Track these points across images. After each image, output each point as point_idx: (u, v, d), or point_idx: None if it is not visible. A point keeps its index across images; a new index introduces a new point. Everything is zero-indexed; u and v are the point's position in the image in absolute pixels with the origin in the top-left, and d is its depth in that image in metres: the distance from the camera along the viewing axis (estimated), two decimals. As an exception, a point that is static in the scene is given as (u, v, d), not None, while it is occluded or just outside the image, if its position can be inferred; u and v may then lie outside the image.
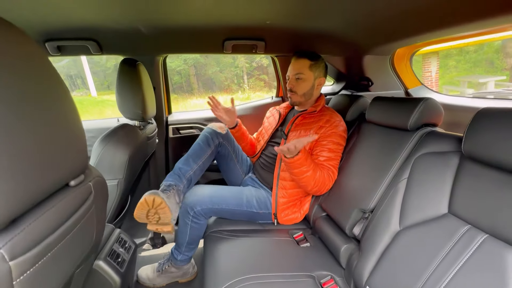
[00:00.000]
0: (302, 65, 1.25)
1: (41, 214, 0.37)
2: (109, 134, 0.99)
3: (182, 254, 1.23)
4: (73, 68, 12.30)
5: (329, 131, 1.18)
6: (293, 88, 1.27)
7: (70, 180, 0.46)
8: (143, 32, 1.19)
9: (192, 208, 1.13)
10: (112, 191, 0.99)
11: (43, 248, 0.35)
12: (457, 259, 0.66)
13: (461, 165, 0.76)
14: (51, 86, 0.41)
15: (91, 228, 0.52)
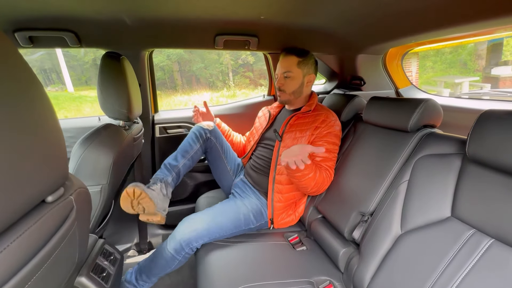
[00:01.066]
0: (290, 63, 1.21)
1: (11, 241, 0.30)
2: (91, 135, 0.90)
3: (149, 283, 1.10)
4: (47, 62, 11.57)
5: (325, 131, 1.15)
6: (282, 86, 1.24)
7: (47, 196, 0.38)
8: (128, 24, 1.10)
9: (188, 245, 1.03)
10: (94, 197, 0.90)
11: (19, 281, 0.28)
12: (464, 264, 0.64)
13: (463, 167, 0.75)
14: (23, 86, 0.34)
15: (73, 247, 0.44)
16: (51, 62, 11.38)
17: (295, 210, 1.26)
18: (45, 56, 11.28)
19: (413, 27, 1.08)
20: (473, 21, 0.94)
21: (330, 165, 1.13)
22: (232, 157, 1.40)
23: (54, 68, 11.53)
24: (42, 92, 0.37)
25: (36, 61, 10.99)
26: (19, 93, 0.32)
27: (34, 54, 10.31)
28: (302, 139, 1.17)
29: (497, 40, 6.89)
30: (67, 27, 1.07)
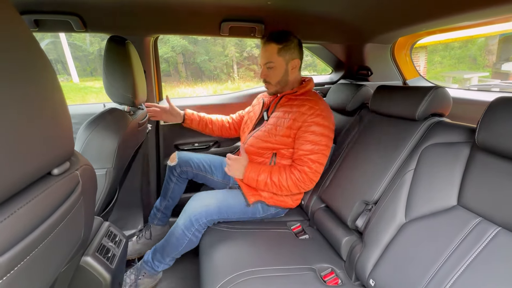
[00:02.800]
0: (270, 52, 1.13)
1: (17, 208, 0.30)
2: (96, 119, 0.90)
3: (164, 264, 1.14)
4: (53, 52, 11.60)
5: (310, 120, 1.09)
6: (266, 78, 1.18)
7: (53, 168, 0.39)
8: (133, 8, 1.09)
9: (198, 220, 1.04)
10: (100, 181, 0.90)
11: (20, 251, 0.29)
12: (469, 252, 0.64)
13: (472, 156, 0.73)
14: (31, 59, 0.34)
15: (79, 222, 0.45)
16: (56, 53, 11.40)
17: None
18: (50, 47, 11.30)
19: (425, 12, 1.04)
20: (485, 7, 0.91)
21: (315, 158, 1.08)
22: (214, 165, 1.37)
23: (60, 59, 11.55)
24: (49, 68, 0.37)
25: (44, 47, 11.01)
26: (28, 65, 0.32)
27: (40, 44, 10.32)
28: (284, 122, 1.14)
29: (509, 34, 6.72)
30: (72, 10, 1.07)
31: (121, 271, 0.88)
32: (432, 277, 0.67)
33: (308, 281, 0.87)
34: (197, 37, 12.79)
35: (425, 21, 1.10)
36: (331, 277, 0.92)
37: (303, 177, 1.08)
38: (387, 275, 0.78)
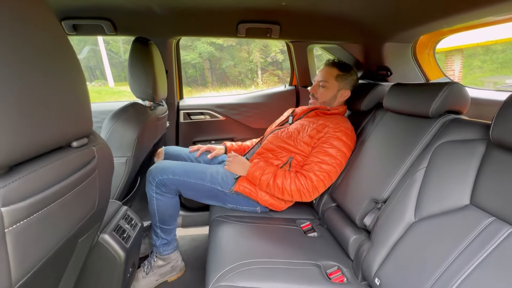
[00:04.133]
0: (329, 74, 1.25)
1: (40, 167, 0.36)
2: (120, 111, 0.99)
3: (160, 238, 1.20)
4: (93, 59, 12.63)
5: (333, 133, 1.12)
6: (315, 94, 1.28)
7: (73, 141, 0.45)
8: (157, 12, 1.18)
9: (154, 178, 1.12)
10: (120, 168, 0.99)
11: (39, 201, 0.34)
12: (479, 252, 0.60)
13: (487, 153, 0.70)
14: (61, 49, 0.41)
15: (93, 193, 0.51)
16: (96, 60, 12.38)
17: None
18: (91, 54, 12.30)
19: (446, 7, 1.00)
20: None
21: (325, 168, 1.08)
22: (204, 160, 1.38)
23: (98, 66, 12.53)
24: (75, 58, 0.44)
25: (84, 59, 12.08)
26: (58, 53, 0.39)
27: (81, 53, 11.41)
28: (308, 128, 1.19)
29: (561, 34, 6.08)
30: (105, 16, 1.19)
31: (135, 253, 0.94)
32: (438, 277, 0.65)
33: (312, 276, 0.87)
34: (223, 44, 13.20)
35: (446, 17, 1.06)
36: (337, 275, 0.91)
37: (308, 184, 1.08)
38: (393, 274, 0.75)
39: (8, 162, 0.31)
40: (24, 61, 0.33)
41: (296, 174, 1.11)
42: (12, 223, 0.31)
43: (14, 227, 0.31)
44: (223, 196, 1.18)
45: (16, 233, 0.31)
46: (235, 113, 1.66)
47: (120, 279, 0.84)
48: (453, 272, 0.62)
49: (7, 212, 0.30)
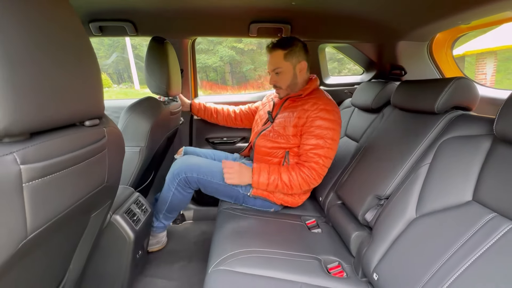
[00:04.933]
0: (277, 59, 1.18)
1: (55, 137, 0.42)
2: (135, 104, 1.07)
3: (159, 221, 1.26)
4: (121, 63, 13.39)
5: (314, 115, 1.10)
6: (277, 83, 1.22)
7: (86, 120, 0.51)
8: (174, 14, 1.26)
9: (179, 174, 1.15)
10: (134, 157, 1.06)
11: (52, 164, 0.40)
12: (477, 247, 0.59)
13: (492, 149, 0.68)
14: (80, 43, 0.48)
15: (102, 169, 0.57)
16: (124, 64, 13.10)
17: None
18: (119, 59, 13.06)
19: (459, 2, 0.96)
20: None
21: (322, 153, 1.08)
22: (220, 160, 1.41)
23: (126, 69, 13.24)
24: (92, 50, 0.51)
25: (112, 63, 12.86)
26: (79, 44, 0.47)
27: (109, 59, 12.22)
28: (290, 121, 1.17)
29: None
30: (127, 18, 1.29)
31: (144, 235, 1.01)
32: (435, 271, 0.64)
33: (311, 268, 0.88)
34: (244, 48, 13.43)
35: (460, 12, 1.02)
36: (337, 270, 0.91)
37: (312, 173, 1.09)
38: (391, 270, 0.75)
39: (28, 129, 0.38)
40: (47, 50, 0.39)
41: (298, 166, 1.12)
42: (28, 180, 0.36)
43: (30, 183, 0.37)
44: (242, 197, 1.22)
45: (32, 188, 0.37)
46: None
47: (129, 258, 0.90)
48: (450, 267, 0.61)
49: (25, 169, 0.36)
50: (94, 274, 0.89)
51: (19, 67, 0.34)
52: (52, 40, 0.40)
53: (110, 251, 0.89)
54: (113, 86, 11.54)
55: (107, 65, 12.17)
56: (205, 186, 1.19)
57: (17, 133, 0.36)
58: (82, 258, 0.75)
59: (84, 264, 0.77)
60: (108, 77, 12.16)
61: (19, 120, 0.35)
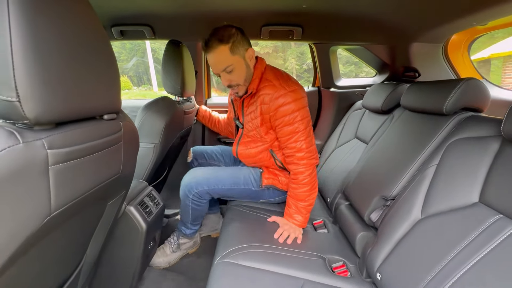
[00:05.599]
0: (223, 57, 1.01)
1: (77, 128, 0.47)
2: (151, 103, 1.14)
3: (189, 229, 1.30)
4: (141, 66, 13.93)
5: (273, 106, 1.03)
6: (232, 82, 1.07)
7: (104, 114, 0.56)
8: (189, 18, 1.32)
9: (190, 191, 1.16)
10: (148, 153, 1.13)
11: (74, 151, 0.45)
12: (481, 248, 0.59)
13: (501, 150, 0.67)
14: (101, 47, 0.54)
15: (117, 159, 0.62)
16: (144, 67, 13.61)
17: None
18: (139, 62, 13.58)
19: (473, 2, 0.95)
20: None
21: (301, 137, 1.04)
22: (225, 154, 1.46)
23: (145, 72, 13.73)
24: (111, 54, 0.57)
25: (133, 66, 13.42)
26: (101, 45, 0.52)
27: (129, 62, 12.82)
28: (256, 119, 1.13)
29: None
30: (146, 22, 1.37)
31: (155, 227, 1.06)
32: (437, 272, 0.63)
33: (315, 266, 0.89)
34: (259, 51, 13.55)
35: (474, 13, 1.01)
36: (341, 269, 0.92)
37: (306, 163, 1.07)
38: (394, 270, 0.75)
39: (55, 119, 0.43)
40: (73, 51, 0.44)
41: (295, 171, 1.10)
42: (54, 163, 0.42)
43: (55, 166, 0.42)
44: (256, 193, 1.24)
45: (56, 171, 0.42)
46: (258, 112, 1.74)
47: (141, 247, 0.96)
48: (453, 267, 0.61)
49: (51, 154, 0.41)
50: (109, 261, 0.95)
51: (49, 65, 0.40)
52: (78, 42, 0.45)
53: (124, 240, 0.95)
54: (133, 88, 12.01)
55: (127, 69, 12.74)
56: (218, 194, 1.21)
57: (45, 122, 0.41)
58: (98, 244, 0.81)
59: (99, 250, 0.83)
60: (128, 79, 12.70)
61: (48, 111, 0.41)
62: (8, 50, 0.35)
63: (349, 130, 1.52)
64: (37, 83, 0.38)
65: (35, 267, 0.52)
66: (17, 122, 0.40)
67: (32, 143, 0.38)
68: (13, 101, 0.37)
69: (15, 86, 0.36)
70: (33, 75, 0.38)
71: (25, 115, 0.38)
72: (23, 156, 0.37)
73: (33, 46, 0.37)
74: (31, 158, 0.38)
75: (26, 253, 0.45)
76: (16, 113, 0.38)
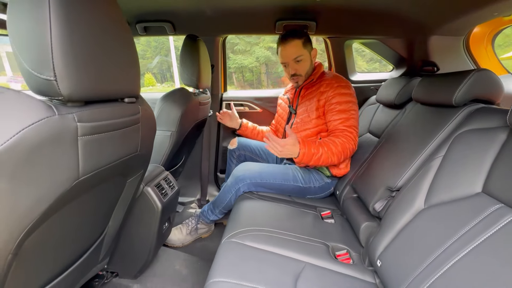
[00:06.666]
0: (296, 48, 1.25)
1: (102, 107, 0.55)
2: (169, 94, 1.22)
3: (215, 215, 1.38)
4: (164, 63, 14.46)
5: (332, 93, 1.20)
6: (297, 71, 1.29)
7: (125, 97, 0.64)
8: (207, 13, 1.39)
9: (242, 180, 1.25)
10: (165, 140, 1.21)
11: (98, 126, 0.53)
12: (478, 235, 0.59)
13: (508, 141, 0.66)
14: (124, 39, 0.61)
15: (135, 139, 0.69)
16: (167, 65, 14.11)
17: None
18: (163, 60, 14.11)
19: None
20: None
21: (349, 124, 1.16)
22: (268, 153, 1.51)
23: (169, 69, 14.23)
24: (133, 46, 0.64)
25: (158, 63, 13.99)
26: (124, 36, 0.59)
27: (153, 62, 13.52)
28: (311, 107, 1.26)
29: None
30: (166, 18, 1.45)
31: (170, 208, 1.14)
32: (434, 259, 0.65)
33: (318, 252, 0.92)
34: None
35: (495, 2, 0.97)
36: (344, 257, 0.94)
37: (348, 139, 1.14)
38: (393, 257, 0.76)
39: (84, 98, 0.50)
40: (100, 41, 0.52)
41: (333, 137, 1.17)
42: (82, 134, 0.49)
43: (83, 137, 0.49)
44: (303, 190, 1.31)
45: (84, 141, 0.50)
46: (271, 105, 1.78)
47: (157, 225, 1.04)
48: (449, 254, 0.62)
49: (80, 126, 0.48)
50: (128, 237, 1.05)
51: (80, 52, 0.47)
52: (104, 34, 0.53)
53: (142, 218, 1.04)
54: (157, 85, 12.51)
55: (152, 67, 13.43)
56: (267, 188, 1.29)
57: (76, 99, 0.49)
58: (119, 218, 0.90)
59: (120, 225, 0.92)
60: (153, 76, 13.26)
61: (78, 90, 0.48)
62: (48, 38, 0.42)
63: (363, 124, 1.52)
64: (70, 66, 0.45)
65: (65, 228, 0.61)
66: (53, 99, 0.47)
67: (65, 116, 0.46)
68: (51, 79, 0.44)
69: (53, 68, 0.44)
70: (67, 59, 0.45)
71: (60, 92, 0.46)
72: (58, 125, 0.44)
73: (67, 36, 0.44)
74: (64, 128, 0.46)
75: (58, 212, 0.53)
76: (53, 90, 0.45)
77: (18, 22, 0.43)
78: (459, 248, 0.61)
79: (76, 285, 0.85)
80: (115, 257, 1.06)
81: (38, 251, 0.55)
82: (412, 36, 1.43)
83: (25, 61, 0.44)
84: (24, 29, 0.43)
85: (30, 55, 0.44)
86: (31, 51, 0.43)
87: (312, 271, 0.83)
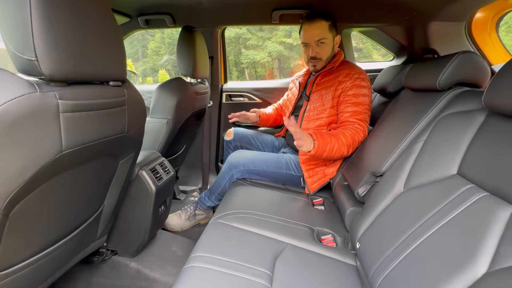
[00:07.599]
0: (321, 29, 1.18)
1: (85, 88, 0.60)
2: (165, 83, 1.27)
3: (211, 201, 1.42)
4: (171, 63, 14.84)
5: (350, 84, 1.16)
6: (318, 55, 1.22)
7: (110, 81, 0.69)
8: (205, 5, 1.43)
9: (236, 167, 1.27)
10: (162, 127, 1.27)
11: (81, 105, 0.58)
12: (446, 215, 0.60)
13: (485, 122, 0.65)
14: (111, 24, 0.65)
15: (122, 120, 0.74)
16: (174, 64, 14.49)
17: (324, 171, 1.29)
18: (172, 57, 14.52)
19: None
20: None
21: (361, 118, 1.14)
22: (264, 142, 1.53)
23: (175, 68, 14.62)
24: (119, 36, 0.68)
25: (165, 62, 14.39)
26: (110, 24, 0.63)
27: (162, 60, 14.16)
28: (327, 96, 1.22)
29: None
30: (166, 11, 1.50)
31: (165, 192, 1.20)
32: (404, 239, 0.66)
33: (303, 235, 0.94)
34: (292, 43, 13.35)
35: None
36: (328, 240, 0.96)
37: (357, 130, 1.13)
38: (370, 239, 0.78)
39: (66, 78, 0.55)
40: (83, 25, 0.56)
41: (343, 129, 1.15)
42: (63, 111, 0.54)
43: (64, 114, 0.54)
44: (297, 179, 1.33)
45: (66, 118, 0.55)
46: (270, 96, 1.80)
47: (151, 207, 1.10)
48: (418, 233, 0.63)
49: (61, 103, 0.53)
50: (125, 216, 1.12)
51: (60, 34, 0.52)
52: (87, 21, 0.57)
53: (137, 200, 1.10)
54: (169, 80, 13.00)
55: (160, 64, 14.12)
56: (260, 175, 1.31)
57: (58, 79, 0.54)
58: (114, 197, 0.97)
59: (115, 203, 0.98)
60: (166, 72, 13.60)
61: (59, 70, 0.53)
62: (28, 20, 0.47)
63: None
64: (50, 47, 0.50)
65: (56, 199, 0.67)
66: (36, 78, 0.53)
67: (46, 93, 0.51)
68: (32, 60, 0.49)
69: (34, 49, 0.49)
70: (47, 41, 0.50)
71: (41, 72, 0.51)
72: (38, 101, 0.49)
73: (48, 18, 0.49)
74: (45, 104, 0.51)
75: (46, 183, 0.59)
76: (35, 70, 0.51)
77: (2, 4, 0.49)
78: (428, 227, 0.61)
79: (74, 258, 0.92)
80: (113, 236, 1.14)
81: (30, 218, 0.61)
82: (411, 22, 1.39)
83: (9, 42, 0.49)
84: (7, 11, 0.48)
85: (13, 36, 0.49)
86: (14, 33, 0.49)
87: (293, 252, 0.86)
